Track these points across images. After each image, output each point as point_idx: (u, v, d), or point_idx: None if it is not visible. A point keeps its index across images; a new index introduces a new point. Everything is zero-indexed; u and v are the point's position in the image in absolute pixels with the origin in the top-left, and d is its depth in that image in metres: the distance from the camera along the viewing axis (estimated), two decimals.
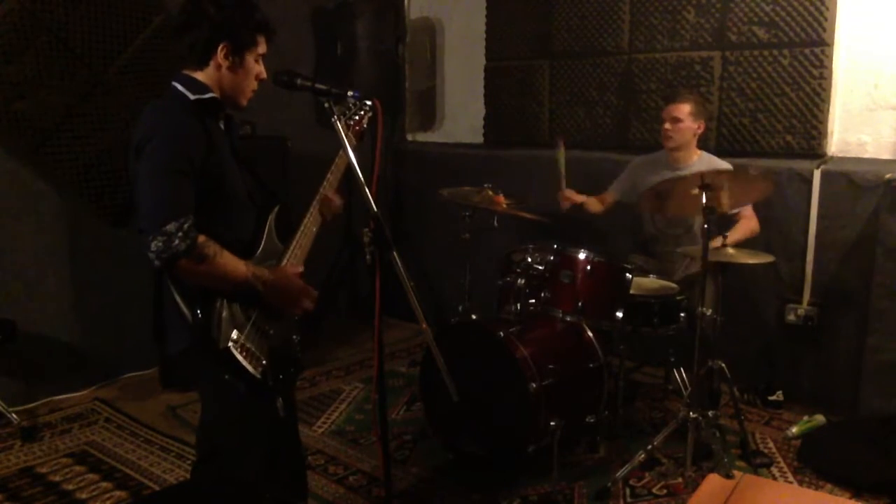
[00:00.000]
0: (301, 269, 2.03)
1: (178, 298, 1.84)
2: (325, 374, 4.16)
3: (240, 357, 1.83)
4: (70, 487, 2.91)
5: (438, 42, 5.15)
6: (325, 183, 2.11)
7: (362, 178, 1.83)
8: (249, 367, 1.85)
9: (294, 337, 2.07)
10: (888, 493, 2.80)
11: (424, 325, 1.95)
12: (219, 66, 1.91)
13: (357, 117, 2.11)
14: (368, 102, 2.08)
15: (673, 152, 3.48)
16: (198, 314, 1.81)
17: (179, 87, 1.91)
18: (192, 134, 1.84)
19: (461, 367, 2.50)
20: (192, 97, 1.89)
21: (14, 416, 3.34)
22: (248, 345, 1.86)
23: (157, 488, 2.90)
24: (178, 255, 1.74)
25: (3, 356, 3.43)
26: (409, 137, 5.36)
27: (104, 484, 2.94)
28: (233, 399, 1.89)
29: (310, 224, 2.08)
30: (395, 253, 1.84)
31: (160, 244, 1.73)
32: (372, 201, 1.84)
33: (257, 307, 1.93)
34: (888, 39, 3.50)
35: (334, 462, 3.14)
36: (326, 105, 1.92)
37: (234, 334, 1.84)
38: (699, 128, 3.41)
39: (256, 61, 1.97)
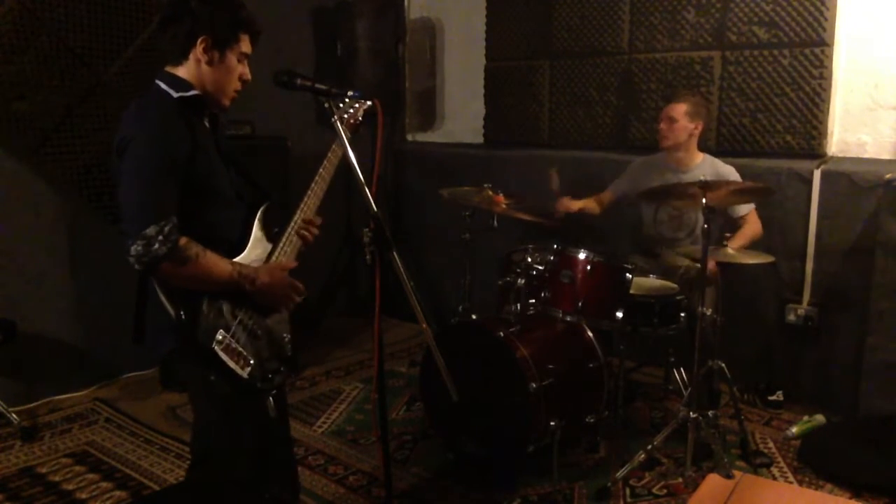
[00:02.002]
0: (293, 264, 2.01)
1: (163, 299, 1.81)
2: (324, 374, 4.16)
3: (225, 358, 1.82)
4: (70, 487, 2.91)
5: (438, 42, 5.15)
6: (316, 177, 2.09)
7: (362, 178, 1.83)
8: (236, 368, 1.84)
9: (284, 336, 2.06)
10: (888, 493, 2.80)
11: (424, 325, 1.95)
12: (198, 61, 1.89)
13: (352, 110, 2.08)
14: (368, 102, 2.07)
15: (673, 153, 3.48)
16: (181, 315, 1.80)
17: (162, 85, 1.89)
18: (175, 133, 1.82)
19: (461, 367, 2.50)
20: (175, 95, 1.87)
21: (14, 416, 3.34)
22: (234, 345, 1.85)
23: (157, 488, 2.90)
24: (158, 258, 1.73)
25: (3, 356, 3.42)
26: (409, 137, 5.36)
27: (104, 484, 2.94)
28: (220, 400, 1.89)
29: (300, 220, 2.07)
30: (395, 253, 1.83)
31: (140, 248, 1.72)
32: (372, 201, 1.84)
33: (245, 306, 1.92)
34: (888, 40, 3.50)
35: (334, 462, 3.14)
36: (326, 105, 1.92)
37: (220, 335, 1.83)
38: (696, 128, 3.41)
39: (240, 61, 1.95)
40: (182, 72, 1.91)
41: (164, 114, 1.84)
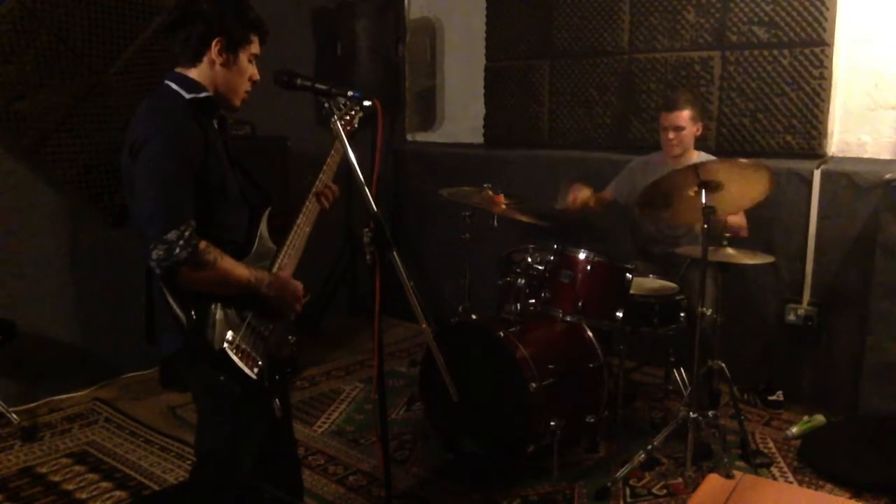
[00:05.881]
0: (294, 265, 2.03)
1: (171, 300, 1.81)
2: (325, 374, 4.16)
3: (235, 359, 1.82)
4: (70, 487, 2.91)
5: (438, 42, 5.15)
6: (317, 182, 2.11)
7: (362, 178, 1.83)
8: (245, 369, 1.84)
9: (290, 337, 2.06)
10: (888, 493, 2.80)
11: (424, 325, 1.95)
12: (212, 63, 1.89)
13: (348, 117, 2.08)
14: (368, 102, 2.06)
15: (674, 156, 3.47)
16: (192, 316, 1.80)
17: (173, 85, 1.88)
18: (189, 135, 1.82)
19: (461, 367, 2.50)
20: (187, 96, 1.87)
21: (14, 416, 3.33)
22: (243, 346, 1.86)
23: (157, 488, 2.90)
24: (179, 263, 1.73)
25: (3, 356, 3.42)
26: (409, 137, 5.36)
27: (104, 484, 2.94)
28: (228, 400, 1.89)
29: (302, 224, 2.07)
30: (395, 253, 1.83)
31: (161, 253, 1.72)
32: (372, 201, 1.84)
33: (252, 308, 1.92)
34: (888, 40, 3.50)
35: (334, 462, 3.14)
36: (326, 105, 1.92)
37: (230, 335, 1.83)
38: (698, 130, 3.42)
39: (250, 61, 1.95)
40: (194, 73, 1.90)
41: (178, 115, 1.84)
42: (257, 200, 2.03)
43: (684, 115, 3.35)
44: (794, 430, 3.31)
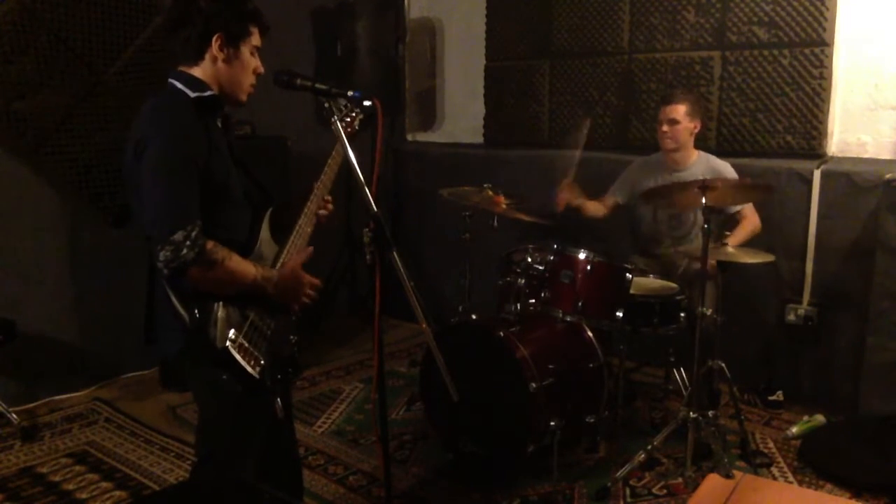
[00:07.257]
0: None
1: (173, 299, 1.81)
2: (325, 374, 4.16)
3: (238, 357, 1.82)
4: (70, 487, 2.91)
5: (438, 42, 5.15)
6: (318, 183, 2.10)
7: (362, 178, 1.83)
8: (248, 367, 1.84)
9: (291, 337, 2.06)
10: (888, 493, 2.80)
11: (424, 325, 1.95)
12: (214, 59, 1.88)
13: (349, 119, 2.07)
14: (368, 103, 2.06)
15: (671, 154, 3.48)
16: (195, 314, 1.80)
17: (178, 84, 1.88)
18: (194, 134, 1.82)
19: (461, 367, 2.50)
20: (191, 95, 1.86)
21: (14, 416, 3.34)
22: (245, 344, 1.86)
23: (157, 488, 2.90)
24: (187, 263, 1.72)
25: (4, 356, 3.42)
26: (409, 137, 5.36)
27: (104, 484, 2.94)
28: (229, 399, 1.89)
29: (304, 224, 2.06)
30: (395, 253, 1.83)
31: (169, 254, 1.71)
32: (372, 201, 1.84)
33: (255, 306, 1.92)
34: (888, 40, 3.50)
35: (334, 462, 3.14)
36: (327, 105, 1.92)
37: (232, 334, 1.83)
38: (695, 127, 3.42)
39: (252, 54, 1.94)
40: (198, 72, 1.90)
41: (182, 114, 1.83)
42: (260, 200, 2.03)
43: (679, 109, 3.36)
44: (794, 430, 3.31)
